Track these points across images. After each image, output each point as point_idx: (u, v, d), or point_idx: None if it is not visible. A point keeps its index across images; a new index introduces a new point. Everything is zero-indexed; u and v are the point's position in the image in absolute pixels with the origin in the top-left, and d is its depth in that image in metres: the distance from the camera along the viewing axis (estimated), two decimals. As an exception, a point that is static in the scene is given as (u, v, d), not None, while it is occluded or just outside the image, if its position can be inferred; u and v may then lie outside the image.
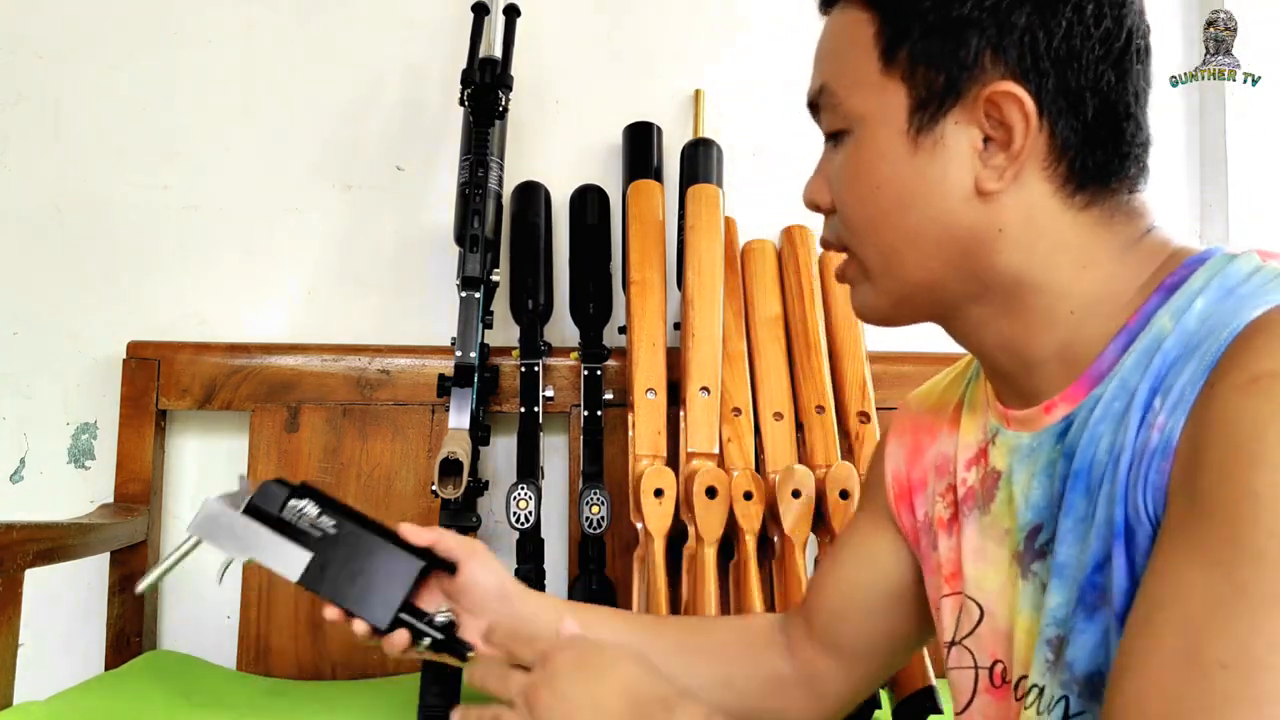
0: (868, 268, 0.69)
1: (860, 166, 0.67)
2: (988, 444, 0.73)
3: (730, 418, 1.32)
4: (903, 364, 1.49)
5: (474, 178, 1.32)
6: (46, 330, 1.47)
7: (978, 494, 0.73)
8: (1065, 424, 0.64)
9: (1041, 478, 0.66)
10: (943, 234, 0.65)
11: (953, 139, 0.64)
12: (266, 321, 1.50)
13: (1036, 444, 0.67)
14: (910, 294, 0.68)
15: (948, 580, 0.75)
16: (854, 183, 0.67)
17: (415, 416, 1.43)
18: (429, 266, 1.51)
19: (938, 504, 0.77)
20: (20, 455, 1.46)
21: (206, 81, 1.52)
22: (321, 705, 1.21)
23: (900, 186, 0.65)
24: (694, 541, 1.24)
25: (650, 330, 1.33)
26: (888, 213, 0.66)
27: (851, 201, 0.68)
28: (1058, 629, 0.63)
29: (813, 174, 0.72)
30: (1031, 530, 0.67)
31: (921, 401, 0.86)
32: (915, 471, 0.82)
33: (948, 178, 0.64)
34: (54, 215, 1.48)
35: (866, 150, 0.66)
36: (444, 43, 1.54)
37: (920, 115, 0.64)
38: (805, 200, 0.73)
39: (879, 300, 0.70)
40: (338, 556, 0.81)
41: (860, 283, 0.71)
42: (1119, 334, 0.62)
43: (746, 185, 1.56)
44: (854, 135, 0.67)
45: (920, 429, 0.83)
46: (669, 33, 1.59)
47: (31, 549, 1.07)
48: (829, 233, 0.72)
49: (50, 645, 1.41)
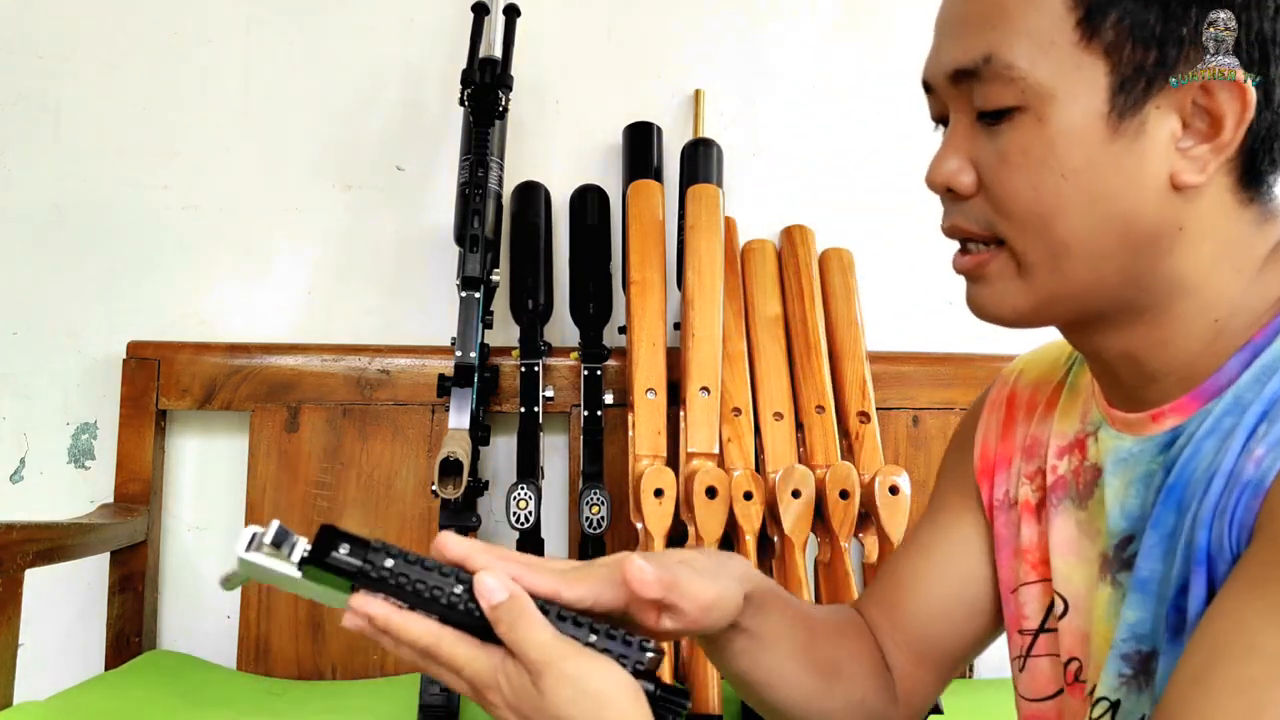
0: (1026, 263, 0.60)
1: (1044, 150, 0.58)
2: (1087, 436, 0.68)
3: (730, 418, 1.32)
4: (903, 364, 1.49)
5: (474, 178, 1.32)
6: (46, 330, 1.47)
7: (1070, 485, 0.69)
8: (1172, 436, 0.61)
9: (1138, 486, 0.63)
10: (1126, 231, 0.58)
11: (1154, 125, 0.57)
12: (266, 321, 1.50)
13: (1138, 450, 0.63)
14: (1067, 295, 0.60)
15: (1033, 567, 0.72)
16: (1033, 168, 0.58)
17: (415, 416, 1.43)
18: (429, 266, 1.51)
19: (1024, 486, 0.73)
20: (20, 455, 1.46)
21: (206, 81, 1.52)
22: (321, 705, 1.21)
23: (1092, 176, 0.57)
24: (694, 541, 1.24)
25: (650, 330, 1.33)
26: (1071, 205, 0.58)
27: (1023, 189, 0.59)
28: (1137, 644, 0.60)
29: (942, 151, 0.63)
30: (1123, 539, 0.64)
31: (1021, 376, 0.79)
32: (1003, 446, 0.77)
33: (1145, 169, 0.57)
34: (54, 215, 1.49)
35: (1054, 132, 0.57)
36: (444, 43, 1.54)
37: (1124, 96, 0.56)
38: (936, 181, 0.63)
39: (1024, 300, 0.61)
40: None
41: (1005, 280, 0.62)
42: (1244, 348, 0.59)
43: (746, 185, 1.56)
44: (1032, 113, 0.58)
45: (1015, 404, 0.78)
46: (669, 33, 1.59)
47: (31, 549, 1.07)
48: (967, 219, 0.63)
49: (50, 645, 1.41)
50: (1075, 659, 0.68)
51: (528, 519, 1.25)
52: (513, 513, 1.25)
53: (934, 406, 1.49)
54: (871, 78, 1.61)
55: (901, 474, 1.29)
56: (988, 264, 0.62)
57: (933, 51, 0.63)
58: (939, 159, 0.63)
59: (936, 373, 1.49)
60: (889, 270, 1.56)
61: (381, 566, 0.56)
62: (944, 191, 0.63)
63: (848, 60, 1.61)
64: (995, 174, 0.60)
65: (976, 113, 0.60)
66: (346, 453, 1.41)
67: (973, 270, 0.64)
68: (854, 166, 1.59)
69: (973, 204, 0.62)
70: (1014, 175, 0.59)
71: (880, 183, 1.59)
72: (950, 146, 0.62)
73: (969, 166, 0.61)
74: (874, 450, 1.35)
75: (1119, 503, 0.64)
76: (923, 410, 1.49)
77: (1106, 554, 0.65)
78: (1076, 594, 0.68)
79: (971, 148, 0.61)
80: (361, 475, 1.41)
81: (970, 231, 0.63)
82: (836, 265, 1.48)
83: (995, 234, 0.61)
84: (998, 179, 0.60)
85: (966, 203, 0.62)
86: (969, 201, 0.62)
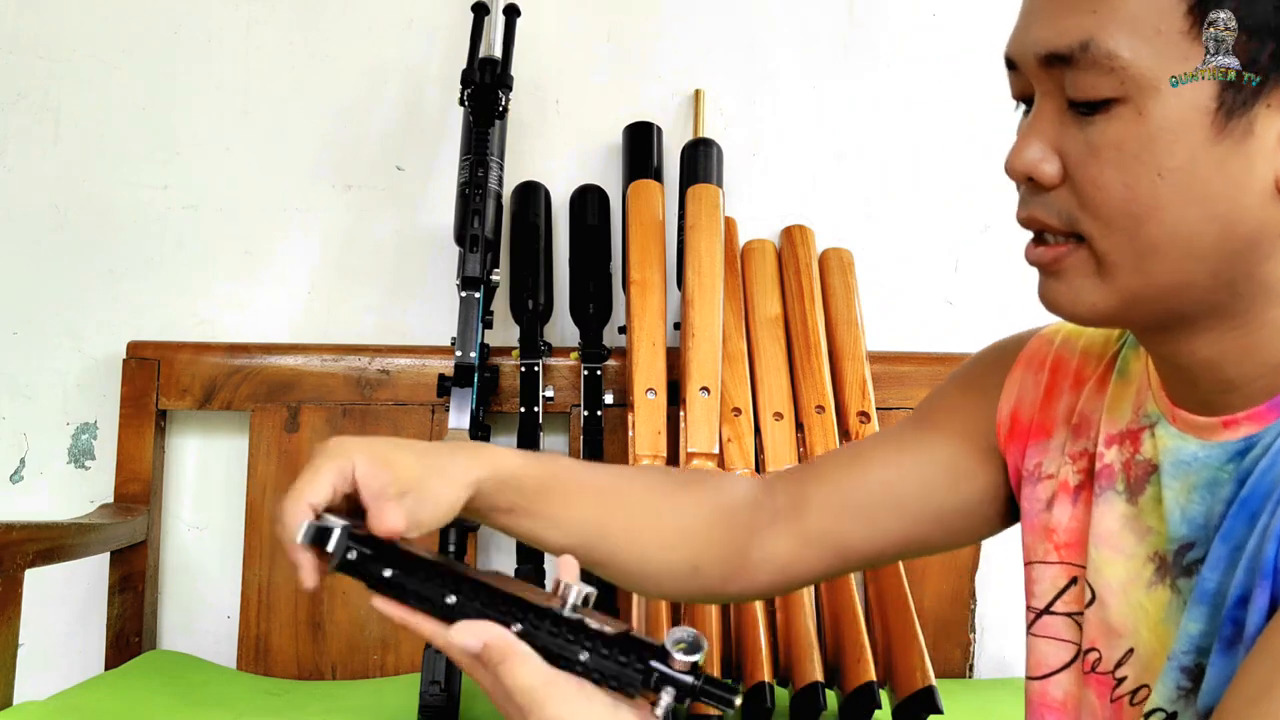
0: (1108, 262, 0.57)
1: (1141, 146, 0.54)
2: (1142, 430, 0.66)
3: (730, 418, 1.32)
4: (903, 364, 1.49)
5: (474, 178, 1.32)
6: (46, 330, 1.47)
7: (1120, 476, 0.67)
8: (1245, 445, 0.59)
9: (1203, 493, 0.60)
10: (1223, 235, 0.55)
11: (1261, 126, 0.53)
12: (266, 321, 1.50)
13: (1204, 455, 0.61)
14: (1150, 297, 0.57)
15: (1057, 549, 0.70)
16: (1127, 164, 0.55)
17: (415, 416, 1.43)
18: (429, 266, 1.51)
19: (1065, 465, 0.70)
20: (20, 455, 1.46)
21: (206, 81, 1.52)
22: (321, 705, 1.21)
23: (1192, 176, 0.54)
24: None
25: (650, 330, 1.33)
26: (1165, 204, 0.54)
27: (1114, 185, 0.55)
28: (1197, 657, 0.58)
29: (1025, 137, 0.59)
30: (1183, 545, 0.62)
31: (1068, 340, 0.75)
32: (1044, 415, 0.73)
33: (1251, 171, 0.54)
34: (54, 215, 1.49)
35: (1154, 127, 0.54)
36: (444, 43, 1.54)
37: (1234, 93, 0.53)
38: (1017, 169, 0.59)
39: (1105, 299, 0.58)
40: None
41: (1084, 276, 0.59)
42: None
43: (746, 185, 1.56)
44: (1132, 106, 0.54)
45: (1061, 370, 0.74)
46: (669, 33, 1.59)
47: (31, 549, 1.07)
48: (1047, 212, 0.59)
49: (50, 645, 1.41)
50: (1094, 650, 0.67)
51: (528, 519, 1.25)
52: (513, 513, 1.25)
53: (934, 406, 1.49)
54: (872, 77, 1.60)
55: (901, 474, 1.29)
56: (1065, 259, 0.59)
57: (1019, 29, 0.59)
58: (1020, 145, 0.58)
59: (936, 373, 1.49)
60: (889, 270, 1.56)
61: (380, 576, 0.59)
62: (1024, 180, 0.59)
63: (848, 60, 1.61)
64: (1084, 167, 0.56)
65: (1068, 100, 0.56)
66: (346, 453, 1.41)
67: (1049, 264, 0.60)
68: (854, 166, 1.59)
69: (1055, 195, 0.58)
70: (1106, 170, 0.55)
71: (880, 183, 1.59)
72: (1034, 132, 0.58)
73: (1054, 155, 0.58)
74: (874, 450, 1.35)
75: (1180, 508, 0.62)
76: (923, 410, 1.49)
77: (1165, 557, 0.63)
78: (1107, 588, 0.66)
79: (1058, 136, 0.57)
80: (361, 475, 1.41)
81: (1049, 224, 0.59)
82: (836, 265, 1.48)
83: (1076, 229, 0.58)
84: (1087, 172, 0.56)
85: (1048, 194, 0.58)
86: (1051, 193, 0.58)
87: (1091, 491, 0.69)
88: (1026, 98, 0.61)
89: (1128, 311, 0.59)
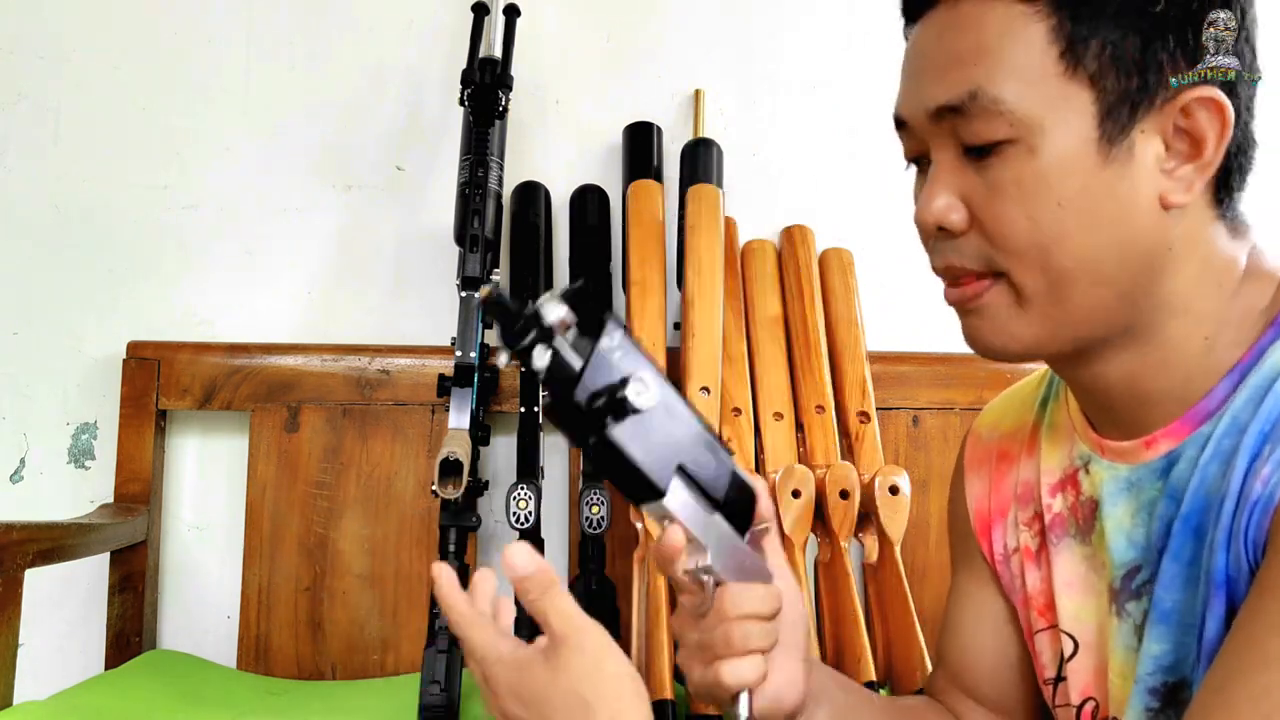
0: (1027, 295, 0.60)
1: (1037, 180, 0.58)
2: (1077, 470, 0.68)
3: (730, 418, 1.32)
4: (902, 364, 1.49)
5: (474, 178, 1.32)
6: (46, 330, 1.47)
7: (1069, 522, 0.69)
8: (1168, 461, 0.61)
9: (1142, 515, 0.62)
10: (1123, 255, 0.58)
11: (1140, 149, 0.57)
12: (266, 321, 1.50)
13: (1136, 478, 0.63)
14: (1068, 323, 0.60)
15: (1040, 614, 0.71)
16: (1028, 199, 0.58)
17: (415, 416, 1.43)
18: (429, 266, 1.51)
19: (1022, 533, 0.73)
20: (20, 455, 1.46)
21: (206, 81, 1.52)
22: (321, 705, 1.21)
23: (1089, 203, 0.57)
24: (694, 541, 1.24)
25: (650, 330, 1.32)
26: (1069, 233, 0.58)
27: (1019, 219, 0.58)
28: (1164, 677, 0.60)
29: (929, 190, 0.62)
30: (1130, 569, 0.63)
31: (994, 428, 0.80)
32: (995, 501, 0.77)
33: (1137, 192, 0.57)
34: (54, 216, 1.48)
35: (1046, 162, 0.57)
36: (444, 43, 1.54)
37: (1111, 123, 0.57)
38: (927, 221, 0.62)
39: (1031, 332, 0.61)
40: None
41: (1003, 311, 0.61)
42: (1233, 369, 0.59)
43: (746, 185, 1.56)
44: (1024, 145, 0.58)
45: (997, 456, 0.78)
46: (669, 33, 1.59)
47: (31, 549, 1.07)
48: (961, 257, 0.62)
49: (50, 645, 1.41)
50: (1091, 699, 0.67)
51: (528, 519, 1.25)
52: (513, 513, 1.25)
53: (934, 406, 1.49)
54: (872, 77, 1.60)
55: (901, 474, 1.29)
56: (983, 294, 0.62)
57: (907, 91, 0.64)
58: (927, 198, 0.61)
59: (936, 373, 1.49)
60: (889, 270, 1.56)
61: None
62: (934, 231, 0.62)
63: (848, 60, 1.61)
64: (989, 208, 0.59)
65: (963, 148, 0.60)
66: (346, 453, 1.41)
67: (967, 302, 0.63)
68: (854, 166, 1.59)
69: (965, 241, 0.61)
70: (1009, 207, 0.59)
71: (880, 183, 1.59)
72: (938, 184, 0.61)
73: (958, 203, 0.61)
74: (874, 450, 1.35)
75: (1123, 533, 0.64)
76: (923, 410, 1.49)
77: (1113, 585, 0.64)
78: (1087, 630, 0.67)
79: (959, 183, 0.61)
80: (361, 475, 1.41)
81: (965, 268, 0.62)
82: (836, 265, 1.48)
83: (992, 268, 0.61)
84: (992, 212, 0.59)
85: (958, 240, 0.62)
86: (961, 239, 0.61)
87: (1048, 547, 0.70)
88: (918, 156, 0.65)
89: (1049, 341, 0.61)
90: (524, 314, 0.53)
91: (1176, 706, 0.59)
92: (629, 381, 0.53)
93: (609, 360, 0.54)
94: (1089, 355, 0.63)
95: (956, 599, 0.82)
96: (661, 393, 0.55)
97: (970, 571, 0.80)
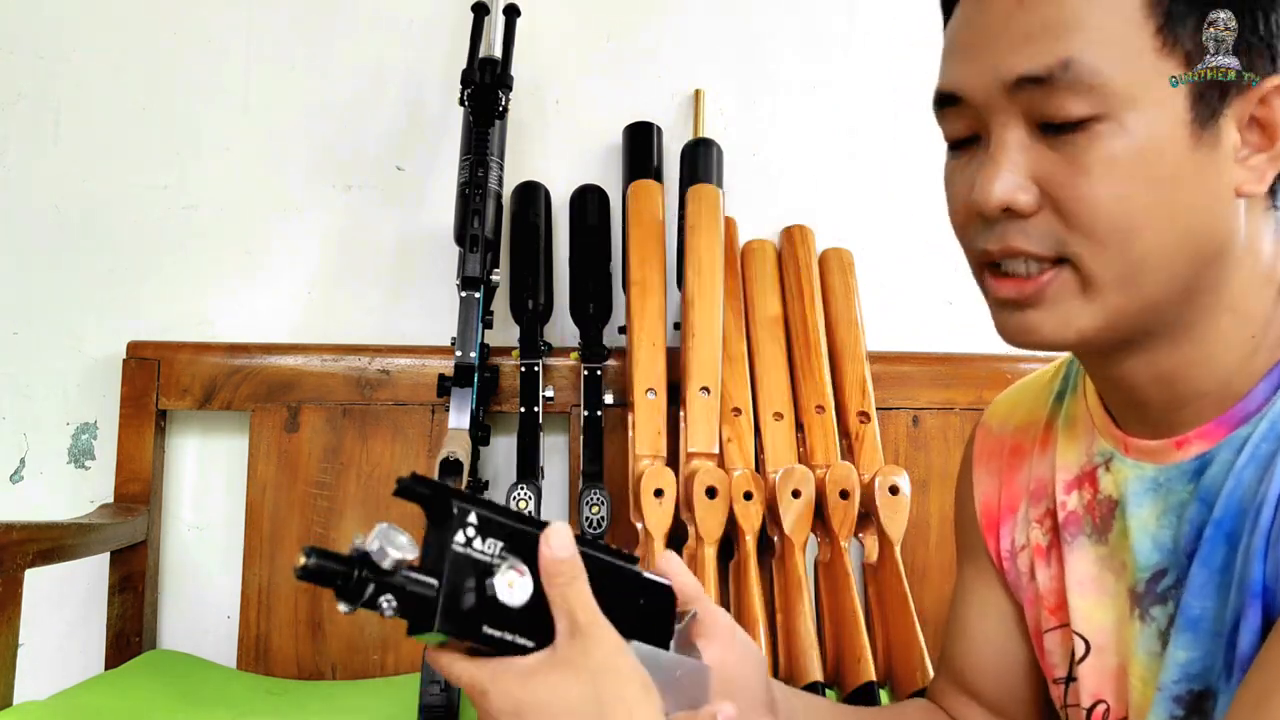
0: (1097, 282, 0.56)
1: (1131, 160, 0.54)
2: (1096, 468, 0.66)
3: (730, 418, 1.32)
4: (902, 364, 1.49)
5: (474, 178, 1.32)
6: (46, 330, 1.47)
7: (1085, 521, 0.67)
8: (1200, 463, 0.59)
9: (1170, 517, 0.60)
10: (1202, 244, 0.56)
11: (1225, 134, 0.55)
12: (266, 321, 1.50)
13: (1164, 479, 0.61)
14: (1133, 313, 0.57)
15: (1051, 612, 0.70)
16: (1120, 179, 0.54)
17: (415, 416, 1.43)
18: (429, 266, 1.51)
19: (1033, 530, 0.71)
20: (20, 455, 1.46)
21: (206, 81, 1.52)
22: (321, 705, 1.21)
23: (1178, 186, 0.55)
24: (694, 541, 1.24)
25: (650, 330, 1.33)
26: (1155, 217, 0.55)
27: (1106, 198, 0.55)
28: (1189, 685, 0.58)
29: (994, 169, 0.57)
30: (1155, 573, 0.61)
31: (1005, 421, 0.77)
32: (1006, 496, 0.75)
33: (1221, 179, 0.55)
34: (54, 215, 1.48)
35: (1141, 140, 0.54)
36: (444, 43, 1.54)
37: (1204, 105, 0.54)
38: (993, 202, 0.57)
39: (1090, 321, 0.57)
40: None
41: (1067, 301, 0.57)
42: (1270, 373, 0.57)
43: (746, 185, 1.56)
44: (1115, 122, 0.54)
45: (1009, 451, 0.76)
46: (669, 33, 1.59)
47: (31, 549, 1.07)
48: (1028, 240, 0.57)
49: (50, 645, 1.41)
50: (1102, 701, 0.66)
51: (528, 519, 1.25)
52: (513, 513, 1.25)
53: (934, 406, 1.49)
54: (872, 77, 1.61)
55: (901, 474, 1.29)
56: (1048, 286, 0.57)
57: (968, 63, 0.59)
58: (991, 177, 0.57)
59: (936, 373, 1.49)
60: (889, 270, 1.56)
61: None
62: (997, 213, 0.58)
63: (848, 60, 1.61)
64: (1070, 187, 0.56)
65: (1036, 124, 0.56)
66: (346, 453, 1.41)
67: (1032, 295, 0.58)
68: (854, 166, 1.59)
69: (1034, 222, 0.57)
70: (1096, 186, 0.55)
71: (880, 183, 1.59)
72: (1005, 162, 0.57)
73: (1029, 182, 0.57)
74: (874, 450, 1.35)
75: (1148, 534, 0.62)
76: (923, 410, 1.49)
77: (1135, 589, 0.62)
78: (1100, 632, 0.66)
79: (1029, 161, 0.57)
80: (361, 475, 1.41)
81: (1031, 252, 0.57)
82: (836, 265, 1.48)
83: (1061, 252, 0.57)
84: (1075, 192, 0.55)
85: (1025, 221, 0.57)
86: (1029, 220, 0.57)
87: (1061, 545, 0.69)
88: (965, 138, 0.61)
89: (1107, 331, 0.58)
90: (354, 564, 0.48)
91: (1201, 715, 0.58)
92: (495, 572, 0.51)
93: (469, 559, 0.50)
94: (1130, 348, 0.60)
95: (961, 596, 0.81)
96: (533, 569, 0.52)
97: (976, 568, 0.79)
